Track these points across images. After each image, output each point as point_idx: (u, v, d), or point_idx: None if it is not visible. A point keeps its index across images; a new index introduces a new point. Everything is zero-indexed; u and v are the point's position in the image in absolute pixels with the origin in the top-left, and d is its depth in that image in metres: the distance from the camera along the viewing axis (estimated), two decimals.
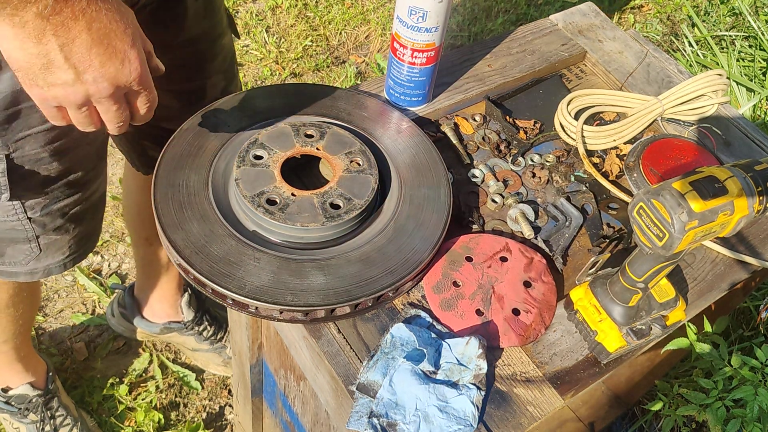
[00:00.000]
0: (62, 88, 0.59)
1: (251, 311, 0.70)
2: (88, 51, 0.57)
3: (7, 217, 0.91)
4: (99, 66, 0.58)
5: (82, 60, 0.58)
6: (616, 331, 0.72)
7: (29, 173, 0.88)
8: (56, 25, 0.56)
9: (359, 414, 0.66)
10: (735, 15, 2.33)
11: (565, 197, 0.88)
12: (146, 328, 1.56)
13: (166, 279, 1.50)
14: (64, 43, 0.56)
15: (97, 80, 0.59)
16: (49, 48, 0.56)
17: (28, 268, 1.01)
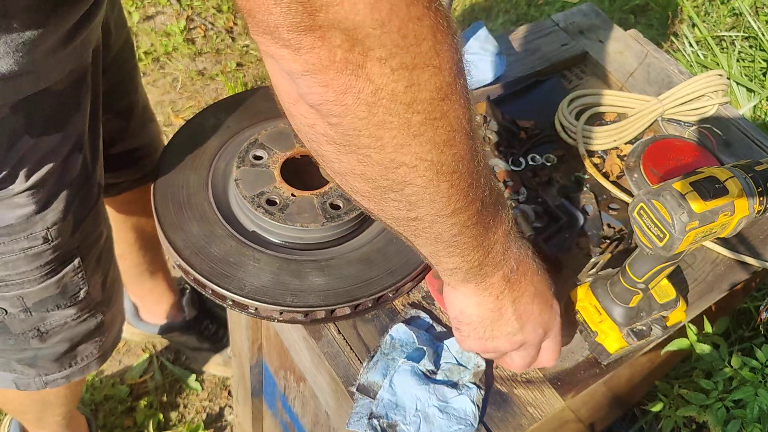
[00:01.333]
0: (504, 339, 0.62)
1: (251, 312, 0.69)
2: (531, 302, 0.61)
3: (82, 312, 0.89)
4: (538, 314, 0.62)
5: (526, 311, 0.61)
6: (617, 331, 0.72)
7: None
8: (513, 282, 0.60)
9: (359, 415, 0.66)
10: (735, 15, 2.33)
11: (565, 197, 0.88)
12: (146, 329, 1.55)
13: (161, 281, 1.48)
14: (516, 297, 0.60)
15: (535, 329, 0.63)
16: (503, 303, 0.60)
17: (98, 355, 0.98)
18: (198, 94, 2.10)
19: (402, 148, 0.45)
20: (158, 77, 2.13)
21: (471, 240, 0.54)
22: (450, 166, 0.47)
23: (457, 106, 0.45)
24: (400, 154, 0.45)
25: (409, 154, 0.45)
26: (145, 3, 2.29)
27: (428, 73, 0.42)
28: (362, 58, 0.40)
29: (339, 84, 0.41)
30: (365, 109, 0.42)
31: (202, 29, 2.26)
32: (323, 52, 0.40)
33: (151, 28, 2.24)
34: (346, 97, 0.42)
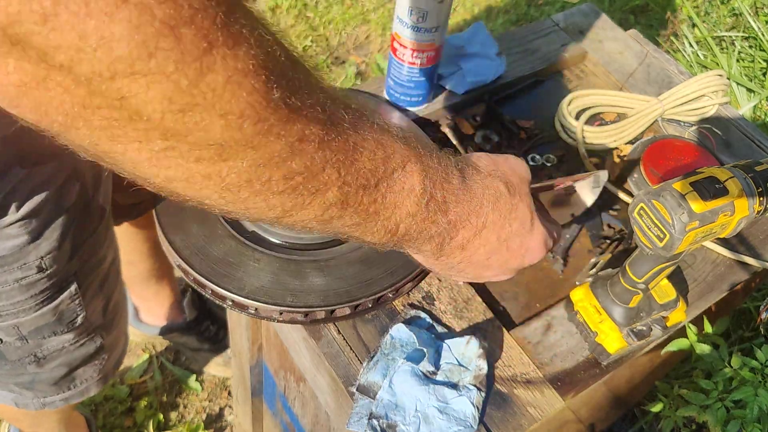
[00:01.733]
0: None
1: (251, 312, 0.69)
2: (486, 255, 0.59)
3: (80, 337, 0.88)
4: (497, 263, 0.60)
5: (482, 257, 0.59)
6: (617, 332, 0.72)
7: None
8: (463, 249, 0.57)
9: (359, 415, 0.66)
10: (735, 15, 2.33)
11: None
12: (147, 331, 1.55)
13: (166, 285, 1.48)
14: (470, 256, 0.59)
15: (498, 275, 0.63)
16: (457, 255, 0.59)
17: (99, 378, 0.97)
18: None
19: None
20: None
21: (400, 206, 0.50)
22: (265, 179, 0.41)
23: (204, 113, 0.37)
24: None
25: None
26: None
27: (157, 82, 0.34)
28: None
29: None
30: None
31: None
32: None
33: None
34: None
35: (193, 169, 0.39)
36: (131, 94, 0.34)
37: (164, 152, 0.37)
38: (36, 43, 0.31)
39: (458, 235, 0.56)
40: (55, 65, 0.32)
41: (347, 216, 0.47)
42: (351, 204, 0.46)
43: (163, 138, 0.36)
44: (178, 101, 0.35)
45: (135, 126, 0.35)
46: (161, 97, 0.34)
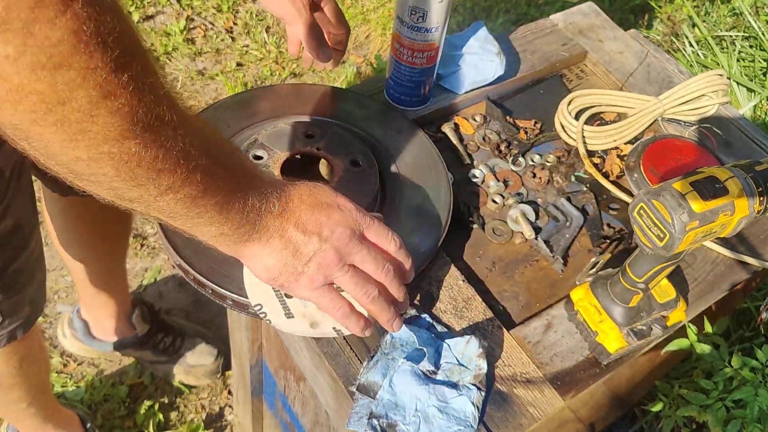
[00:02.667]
0: (317, 257, 0.61)
1: (251, 312, 0.69)
2: (312, 214, 0.62)
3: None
4: (327, 219, 0.62)
5: (312, 223, 0.61)
6: (617, 331, 0.72)
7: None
8: (284, 213, 0.60)
9: (359, 415, 0.66)
10: (735, 15, 2.33)
11: (565, 197, 0.88)
12: (99, 347, 1.52)
13: (111, 295, 1.45)
14: (295, 221, 0.61)
15: (334, 230, 0.62)
16: (288, 234, 0.61)
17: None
18: (198, 94, 2.10)
19: (69, 143, 0.44)
20: None
21: (214, 206, 0.55)
22: (133, 156, 0.47)
23: (121, 102, 0.44)
24: (68, 149, 0.45)
25: (78, 149, 0.45)
26: (145, 3, 2.29)
27: (73, 74, 0.41)
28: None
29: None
30: (9, 107, 0.42)
31: (202, 29, 2.26)
32: None
33: (151, 28, 2.24)
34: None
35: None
36: None
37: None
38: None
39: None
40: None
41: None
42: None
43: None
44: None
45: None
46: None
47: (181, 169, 0.50)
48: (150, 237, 1.82)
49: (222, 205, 0.55)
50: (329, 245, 0.62)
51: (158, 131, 0.48)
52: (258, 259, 0.61)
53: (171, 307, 1.71)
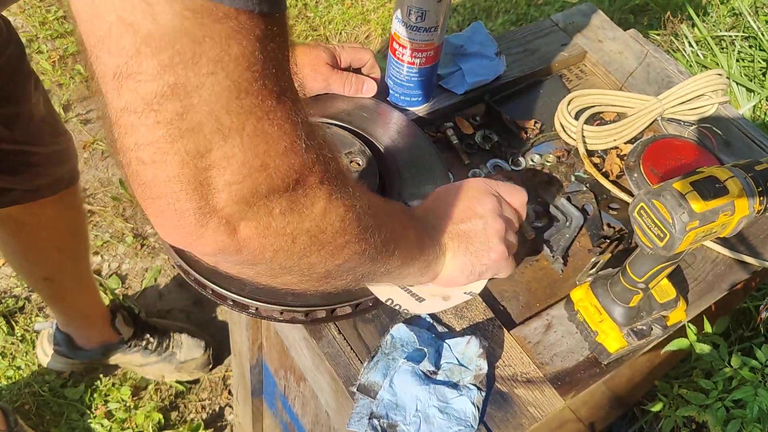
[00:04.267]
0: (489, 231, 0.69)
1: (251, 312, 0.69)
2: (458, 206, 0.70)
3: None
4: (471, 201, 0.70)
5: (464, 210, 0.69)
6: (617, 331, 0.72)
7: None
8: (445, 224, 0.69)
9: (360, 415, 0.66)
10: (735, 15, 2.33)
11: (565, 197, 0.88)
12: (85, 357, 1.51)
13: (86, 304, 1.43)
14: (454, 220, 0.69)
15: (484, 204, 0.70)
16: (456, 231, 0.68)
17: None
18: None
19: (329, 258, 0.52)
20: None
21: (413, 253, 0.63)
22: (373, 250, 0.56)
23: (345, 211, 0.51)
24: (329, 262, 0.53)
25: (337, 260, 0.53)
26: None
27: (320, 208, 0.48)
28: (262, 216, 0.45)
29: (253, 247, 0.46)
30: (284, 255, 0.48)
31: None
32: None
33: None
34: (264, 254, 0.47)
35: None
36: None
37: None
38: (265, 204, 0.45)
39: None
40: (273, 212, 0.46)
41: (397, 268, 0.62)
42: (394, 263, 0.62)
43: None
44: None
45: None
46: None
47: (389, 240, 0.58)
48: (150, 237, 1.82)
49: (418, 249, 0.64)
50: (490, 217, 0.69)
51: (375, 216, 0.55)
52: (451, 268, 0.68)
53: (171, 307, 1.71)
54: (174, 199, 0.41)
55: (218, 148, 0.40)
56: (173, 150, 0.40)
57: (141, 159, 0.40)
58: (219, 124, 0.40)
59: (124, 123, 0.39)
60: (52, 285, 1.34)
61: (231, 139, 0.40)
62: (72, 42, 2.16)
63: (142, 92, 0.38)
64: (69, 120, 2.00)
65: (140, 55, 0.37)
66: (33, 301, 1.67)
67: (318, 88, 0.88)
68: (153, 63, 0.37)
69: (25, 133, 1.07)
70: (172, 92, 0.38)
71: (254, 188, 0.42)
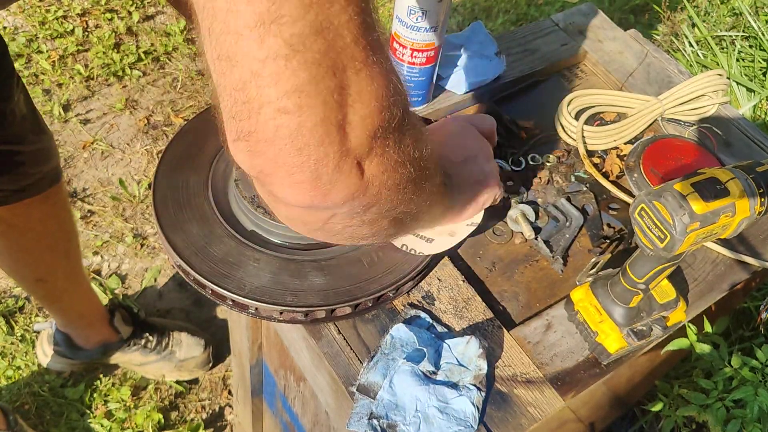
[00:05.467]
0: (479, 159, 0.72)
1: (251, 312, 0.69)
2: (458, 141, 0.73)
3: None
4: (464, 138, 0.73)
5: (461, 145, 0.72)
6: (617, 332, 0.72)
7: None
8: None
9: (359, 415, 0.66)
10: (735, 15, 2.33)
11: (565, 197, 0.88)
12: (84, 357, 1.50)
13: (82, 303, 1.43)
14: (446, 154, 0.70)
15: (469, 137, 0.73)
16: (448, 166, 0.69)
17: None
18: (198, 94, 2.10)
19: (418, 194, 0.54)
20: (158, 77, 2.13)
21: (443, 193, 0.64)
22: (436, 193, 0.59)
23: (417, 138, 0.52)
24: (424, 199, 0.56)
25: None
26: (145, 3, 2.29)
27: (412, 137, 0.48)
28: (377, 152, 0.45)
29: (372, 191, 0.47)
30: (395, 189, 0.49)
31: None
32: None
33: (151, 27, 2.24)
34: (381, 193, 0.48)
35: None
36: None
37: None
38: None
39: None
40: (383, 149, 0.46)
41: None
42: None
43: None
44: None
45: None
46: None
47: (441, 186, 0.61)
48: (150, 237, 1.82)
49: (440, 192, 0.63)
50: (477, 148, 0.72)
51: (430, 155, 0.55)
52: (459, 203, 0.70)
53: (171, 307, 1.71)
54: (318, 145, 0.41)
55: (354, 84, 0.41)
56: (317, 91, 0.39)
57: (285, 108, 0.40)
58: (353, 59, 0.40)
59: (267, 72, 0.39)
60: (45, 286, 1.34)
61: (362, 73, 0.41)
62: (72, 42, 2.16)
63: (287, 35, 0.38)
64: (69, 120, 2.00)
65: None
66: (32, 301, 1.67)
67: None
68: (295, 3, 0.37)
69: (8, 133, 1.06)
70: (315, 31, 0.38)
71: (381, 120, 0.43)
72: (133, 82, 2.10)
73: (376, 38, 0.42)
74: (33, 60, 2.11)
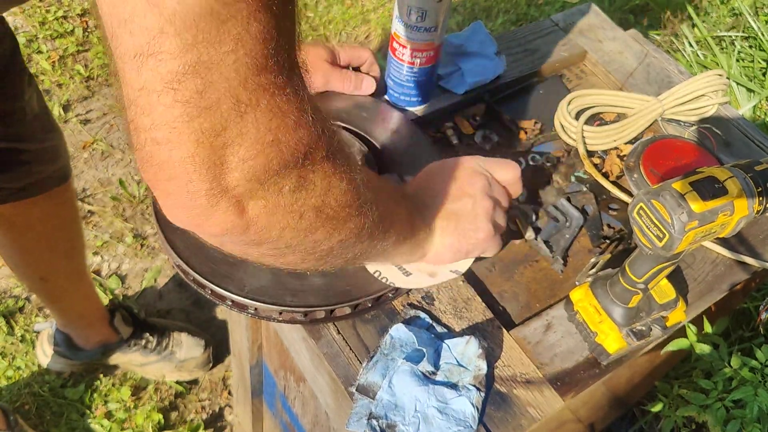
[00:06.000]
0: (478, 209, 0.69)
1: (251, 312, 0.69)
2: (450, 183, 0.70)
3: None
4: (462, 179, 0.70)
5: (455, 188, 0.70)
6: (617, 332, 0.72)
7: None
8: (435, 202, 0.69)
9: (359, 415, 0.66)
10: (735, 15, 2.33)
11: (565, 198, 0.88)
12: (85, 357, 1.50)
13: (83, 303, 1.43)
14: (444, 197, 0.69)
15: (474, 182, 0.70)
16: (445, 208, 0.69)
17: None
18: None
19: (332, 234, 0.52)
20: None
21: (405, 233, 0.64)
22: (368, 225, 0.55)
23: (365, 204, 0.53)
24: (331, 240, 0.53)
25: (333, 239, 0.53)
26: None
27: (319, 178, 0.47)
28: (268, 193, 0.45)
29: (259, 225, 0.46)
30: (292, 232, 0.48)
31: None
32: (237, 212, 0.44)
33: None
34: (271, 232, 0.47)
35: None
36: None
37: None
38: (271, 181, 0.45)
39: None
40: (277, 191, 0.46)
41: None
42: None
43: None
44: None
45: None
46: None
47: (385, 217, 0.58)
48: (150, 237, 1.82)
49: (410, 228, 0.64)
50: (479, 196, 0.69)
51: (371, 191, 0.55)
52: (439, 247, 0.68)
53: (171, 307, 1.71)
54: (187, 179, 0.41)
55: (234, 125, 0.40)
56: (189, 129, 0.40)
57: (156, 139, 0.40)
58: (236, 101, 0.40)
59: (141, 103, 0.39)
60: (47, 285, 1.34)
61: (246, 116, 0.40)
62: (72, 42, 2.16)
63: (163, 71, 0.38)
64: (69, 120, 2.00)
65: (163, 35, 0.37)
66: (33, 301, 1.67)
67: (317, 85, 0.88)
68: (176, 42, 0.37)
69: (14, 131, 1.07)
70: (193, 71, 0.38)
71: (266, 164, 0.42)
72: None
73: (277, 80, 0.41)
74: (33, 60, 2.11)
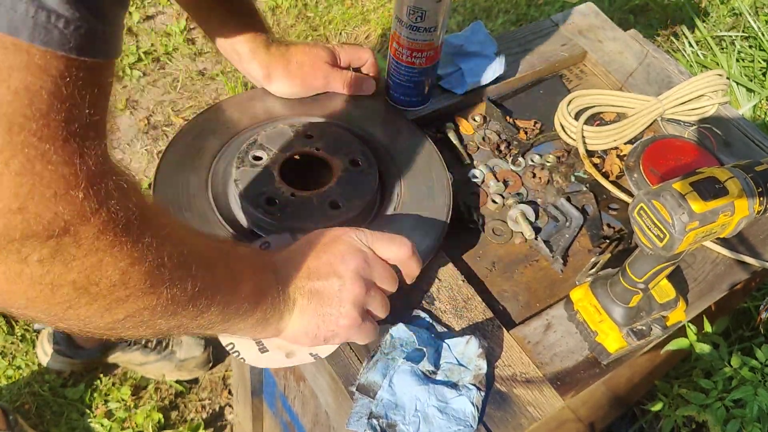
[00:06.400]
0: (345, 293, 0.63)
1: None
2: (318, 259, 0.64)
3: None
4: (334, 256, 0.63)
5: (323, 266, 0.63)
6: (617, 331, 0.72)
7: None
8: (292, 278, 0.63)
9: (359, 415, 0.66)
10: (735, 15, 2.33)
11: (565, 197, 0.88)
12: (85, 356, 1.50)
13: None
14: (308, 274, 0.63)
15: (347, 261, 0.63)
16: (309, 287, 0.62)
17: None
18: (198, 94, 2.10)
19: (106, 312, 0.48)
20: (158, 77, 2.13)
21: (242, 303, 0.58)
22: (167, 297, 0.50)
23: (149, 261, 0.47)
24: (107, 317, 0.48)
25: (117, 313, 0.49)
26: (145, 3, 2.29)
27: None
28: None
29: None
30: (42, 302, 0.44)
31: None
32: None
33: (151, 28, 2.24)
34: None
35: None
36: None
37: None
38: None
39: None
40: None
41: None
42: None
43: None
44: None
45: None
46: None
47: (200, 295, 0.53)
48: None
49: (252, 304, 0.58)
50: (349, 278, 0.62)
51: (181, 267, 0.50)
52: (296, 328, 0.63)
53: None
54: None
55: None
56: None
57: None
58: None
59: None
60: None
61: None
62: None
63: None
64: None
65: None
66: None
67: (318, 86, 0.88)
68: None
69: None
70: None
71: (6, 231, 0.39)
72: (133, 82, 2.10)
73: (42, 144, 0.39)
74: None
